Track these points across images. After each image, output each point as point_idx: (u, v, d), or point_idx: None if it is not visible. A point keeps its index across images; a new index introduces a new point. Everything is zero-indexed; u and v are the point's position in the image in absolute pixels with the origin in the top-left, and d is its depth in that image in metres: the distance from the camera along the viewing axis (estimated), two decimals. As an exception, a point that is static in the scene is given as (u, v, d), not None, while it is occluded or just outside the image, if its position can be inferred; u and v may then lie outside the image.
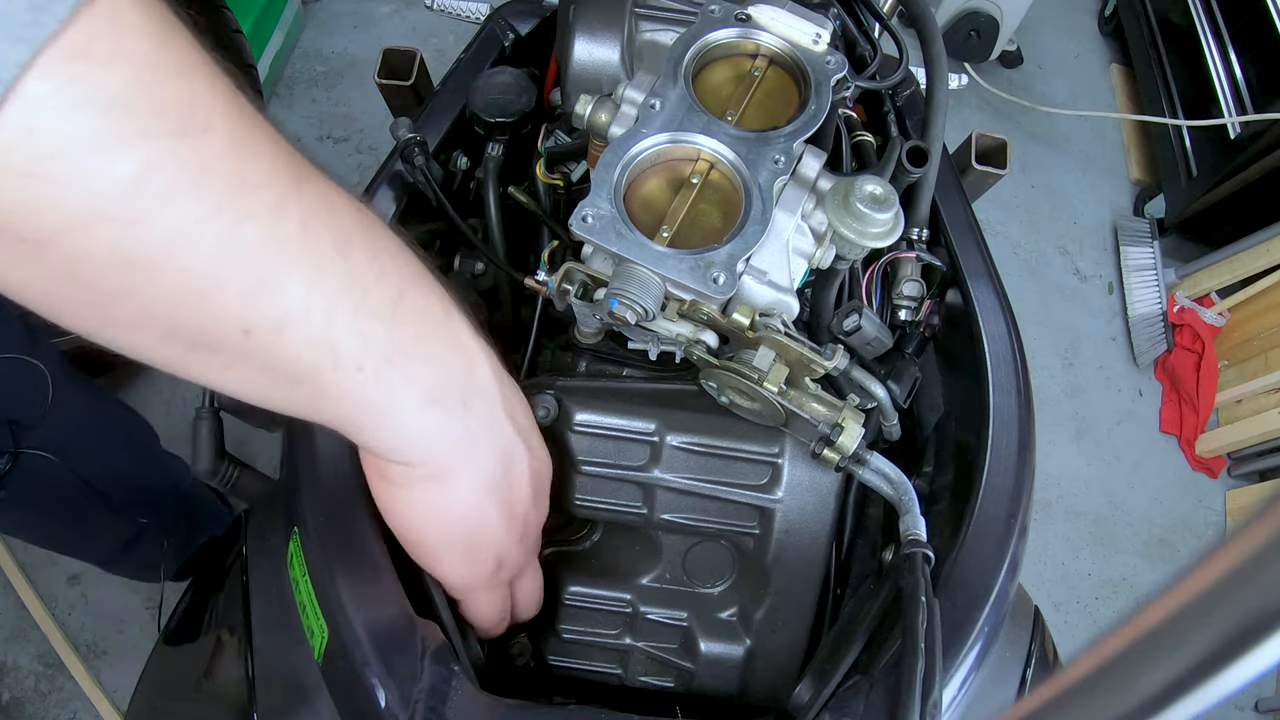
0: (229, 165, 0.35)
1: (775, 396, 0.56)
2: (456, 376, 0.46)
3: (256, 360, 0.39)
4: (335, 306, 0.39)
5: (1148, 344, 2.31)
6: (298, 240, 0.38)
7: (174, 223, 0.34)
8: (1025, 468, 0.65)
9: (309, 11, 2.47)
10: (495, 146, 0.81)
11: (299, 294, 0.38)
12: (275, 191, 0.37)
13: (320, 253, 0.39)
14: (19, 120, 0.30)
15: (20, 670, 1.62)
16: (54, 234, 0.33)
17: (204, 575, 0.76)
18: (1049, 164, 2.62)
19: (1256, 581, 0.17)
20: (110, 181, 0.32)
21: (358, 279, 0.40)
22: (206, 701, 0.65)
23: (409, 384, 0.43)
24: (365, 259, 0.41)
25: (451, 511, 0.49)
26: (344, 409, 0.42)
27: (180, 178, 0.34)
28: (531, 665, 0.69)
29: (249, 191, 0.36)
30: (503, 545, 0.53)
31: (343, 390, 0.41)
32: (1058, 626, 1.99)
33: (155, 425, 1.86)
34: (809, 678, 0.61)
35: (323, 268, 0.39)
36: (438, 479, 0.47)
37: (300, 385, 0.40)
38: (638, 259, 0.56)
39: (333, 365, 0.40)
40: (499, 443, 0.50)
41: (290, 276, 0.38)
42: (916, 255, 0.76)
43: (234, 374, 0.40)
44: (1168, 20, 2.46)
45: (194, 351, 0.38)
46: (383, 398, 0.43)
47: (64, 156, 0.31)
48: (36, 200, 0.32)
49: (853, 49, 0.88)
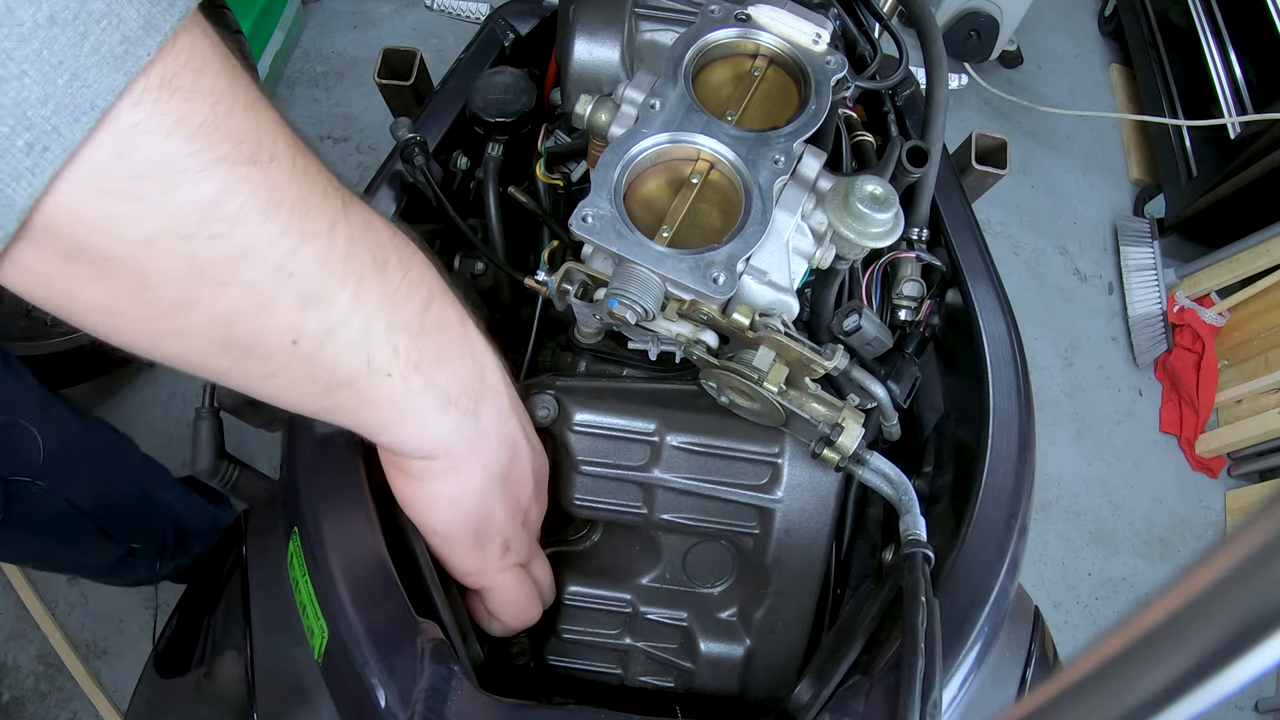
0: (292, 190, 0.39)
1: (775, 396, 0.57)
2: (471, 380, 0.50)
3: (299, 368, 0.43)
4: (373, 319, 0.43)
5: (1148, 344, 2.31)
6: (344, 258, 0.42)
7: (246, 241, 0.37)
8: (1025, 468, 0.65)
9: (309, 11, 2.47)
10: (495, 146, 0.81)
11: (344, 308, 0.42)
12: (328, 214, 0.41)
13: (362, 270, 0.43)
14: (112, 144, 0.33)
15: (20, 670, 1.62)
16: (134, 250, 0.35)
17: (195, 594, 0.75)
18: (1049, 164, 2.62)
19: (1256, 581, 0.17)
20: (192, 202, 0.35)
21: (391, 294, 0.44)
22: (206, 701, 0.65)
23: (431, 389, 0.47)
24: (399, 276, 0.45)
25: (464, 499, 0.53)
26: (372, 412, 0.47)
27: (253, 200, 0.37)
28: (531, 665, 0.69)
29: (308, 214, 0.40)
30: (508, 530, 0.57)
31: (373, 395, 0.45)
32: (1058, 626, 1.99)
33: (155, 425, 1.87)
34: (809, 678, 0.61)
35: (364, 284, 0.43)
36: (455, 471, 0.51)
37: (335, 391, 0.44)
38: (638, 259, 0.56)
39: (367, 372, 0.44)
40: (506, 438, 0.54)
41: (339, 292, 0.42)
42: (916, 255, 0.76)
43: (276, 381, 0.43)
44: (1168, 20, 2.46)
45: (243, 361, 0.41)
46: (407, 401, 0.47)
47: (151, 178, 0.34)
48: (122, 219, 0.35)
49: (853, 49, 0.88)
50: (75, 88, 0.32)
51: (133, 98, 0.33)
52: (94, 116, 0.32)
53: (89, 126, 0.32)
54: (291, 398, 0.45)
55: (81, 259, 0.35)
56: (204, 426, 0.66)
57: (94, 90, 0.32)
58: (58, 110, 0.31)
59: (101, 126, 0.33)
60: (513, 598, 0.59)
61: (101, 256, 0.35)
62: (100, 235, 0.35)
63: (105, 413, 1.87)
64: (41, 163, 0.32)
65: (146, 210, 0.35)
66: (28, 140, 0.31)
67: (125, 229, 0.35)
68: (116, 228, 0.35)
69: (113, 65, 0.32)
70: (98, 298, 0.37)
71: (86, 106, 0.32)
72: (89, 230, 0.34)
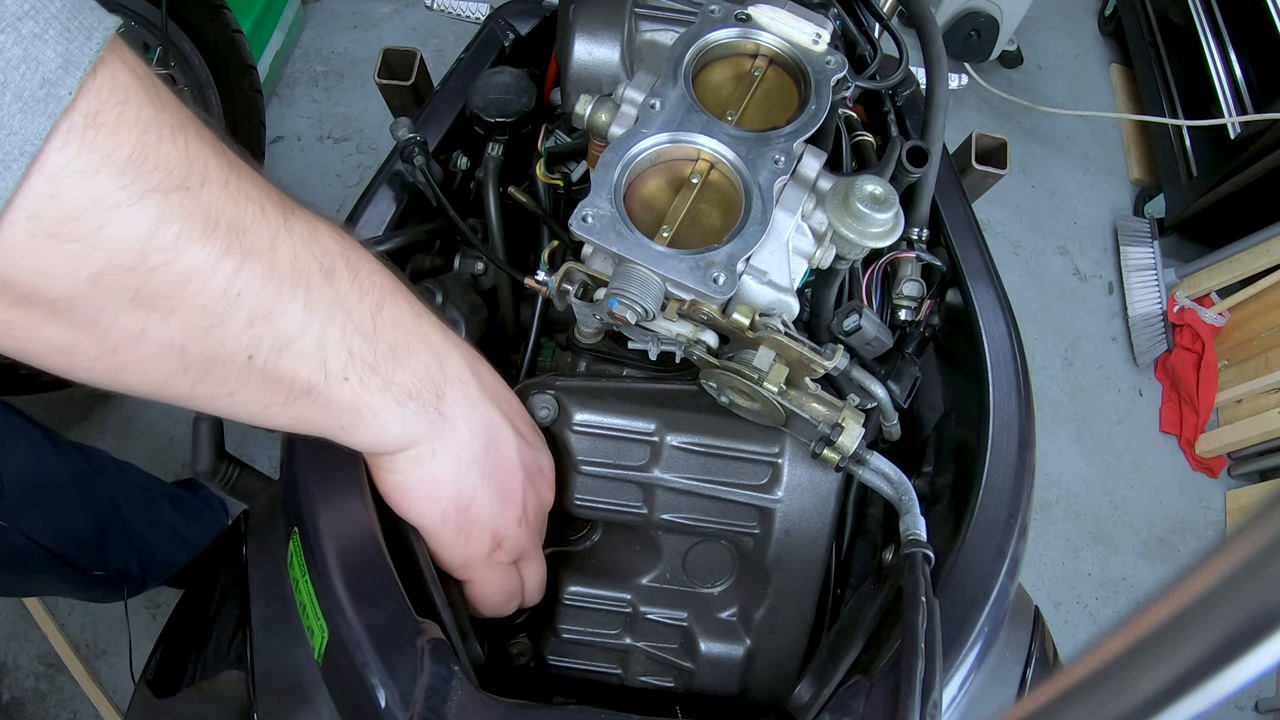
0: (228, 211, 0.39)
1: (775, 396, 0.57)
2: (430, 373, 0.51)
3: (257, 382, 0.43)
4: (326, 326, 0.44)
5: (1148, 344, 2.31)
6: (290, 271, 0.42)
7: (187, 267, 0.38)
8: (1025, 468, 0.65)
9: (309, 11, 2.47)
10: (495, 146, 0.81)
11: (296, 319, 0.43)
12: (268, 229, 0.41)
13: (310, 279, 0.43)
14: (43, 188, 0.33)
15: (20, 670, 1.62)
16: (80, 289, 0.36)
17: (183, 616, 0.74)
18: (1049, 164, 2.62)
19: (1256, 581, 0.17)
20: (129, 236, 0.36)
21: (341, 299, 0.45)
22: (206, 701, 0.65)
23: (388, 387, 0.48)
24: (348, 281, 0.46)
25: (438, 487, 0.53)
26: (332, 416, 0.47)
27: (188, 226, 0.37)
28: (531, 665, 0.69)
29: (246, 233, 0.40)
30: (498, 523, 0.56)
31: (332, 399, 0.46)
32: (1058, 626, 1.99)
33: (155, 425, 1.87)
34: (809, 678, 0.61)
35: (313, 292, 0.43)
36: (420, 460, 0.52)
37: (296, 400, 0.45)
38: (638, 259, 0.56)
39: (325, 379, 0.45)
40: (478, 422, 0.54)
41: (289, 303, 0.42)
42: (916, 255, 0.76)
43: (237, 399, 0.44)
44: (1168, 20, 2.46)
45: (203, 383, 0.42)
46: (367, 403, 0.48)
47: (86, 217, 0.34)
48: (63, 259, 0.35)
49: (853, 49, 0.88)
50: (2, 137, 0.32)
51: (59, 139, 0.33)
52: (24, 163, 0.32)
53: (20, 174, 0.32)
54: (255, 412, 0.45)
55: (32, 304, 0.35)
56: (204, 427, 0.66)
57: (20, 137, 0.32)
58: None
59: (32, 172, 0.33)
60: (489, 593, 0.59)
61: (49, 299, 0.35)
62: (45, 279, 0.35)
63: (105, 412, 1.87)
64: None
65: (86, 249, 0.35)
66: None
67: (68, 270, 0.35)
68: (60, 269, 0.35)
69: (35, 109, 0.32)
70: (53, 339, 0.37)
71: (15, 154, 0.32)
72: (32, 274, 0.34)
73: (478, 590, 0.59)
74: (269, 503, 0.69)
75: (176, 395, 0.42)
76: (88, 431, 1.83)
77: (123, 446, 1.82)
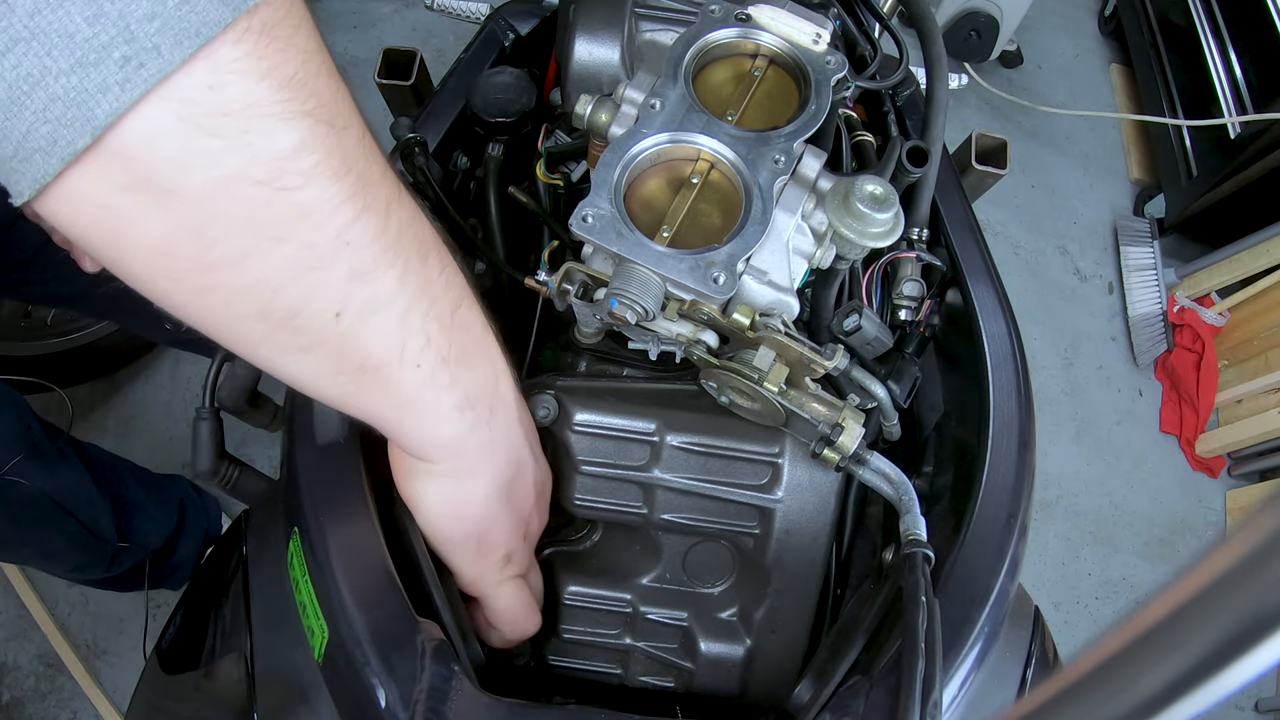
0: (360, 162, 0.39)
1: (775, 396, 0.57)
2: (488, 386, 0.50)
3: (333, 345, 0.41)
4: (412, 305, 0.43)
5: (1148, 344, 2.31)
6: (396, 239, 0.41)
7: (313, 199, 0.37)
8: (1025, 468, 0.65)
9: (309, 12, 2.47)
10: (495, 146, 0.81)
11: (390, 287, 0.42)
12: (387, 193, 0.41)
13: (408, 255, 0.42)
14: (205, 77, 0.32)
15: (20, 670, 1.62)
16: (204, 189, 0.34)
17: (199, 590, 0.75)
18: (1049, 164, 2.62)
19: (1256, 581, 0.17)
20: (271, 150, 0.35)
21: (429, 285, 0.44)
22: (206, 701, 0.65)
23: (453, 386, 0.47)
24: (437, 270, 0.45)
25: (468, 508, 0.53)
26: (391, 402, 0.46)
27: (327, 161, 0.37)
28: (531, 665, 0.69)
29: (370, 188, 0.39)
30: (511, 543, 0.57)
31: (399, 384, 0.45)
32: (1058, 626, 1.99)
33: (155, 425, 1.88)
34: (809, 678, 0.61)
35: (409, 268, 0.42)
36: (456, 477, 0.51)
37: (363, 375, 0.43)
38: (638, 259, 0.56)
39: (399, 360, 0.44)
40: (513, 450, 0.54)
41: (388, 270, 0.41)
42: (916, 255, 0.76)
43: (307, 357, 0.42)
44: (1168, 20, 2.46)
45: (278, 332, 0.40)
46: (429, 396, 0.46)
47: (238, 117, 0.33)
48: (200, 153, 0.33)
49: (853, 49, 0.88)
50: (184, 11, 0.31)
51: (235, 34, 0.32)
52: (197, 44, 0.31)
53: (190, 51, 0.31)
54: (317, 379, 0.44)
55: (145, 192, 0.33)
56: (204, 427, 0.66)
57: (201, 18, 0.31)
58: (162, 30, 0.30)
59: (200, 55, 0.32)
60: (511, 607, 0.59)
61: (168, 191, 0.34)
62: (173, 168, 0.33)
63: (105, 412, 1.87)
64: (134, 79, 0.31)
65: (226, 149, 0.34)
66: (124, 54, 0.30)
67: (201, 165, 0.34)
68: (192, 162, 0.33)
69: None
70: (152, 237, 0.35)
71: (191, 32, 0.31)
72: (163, 161, 0.33)
73: (498, 608, 0.58)
74: (269, 503, 0.69)
75: (247, 338, 0.40)
76: (88, 431, 1.84)
77: (123, 446, 1.82)
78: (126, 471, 1.44)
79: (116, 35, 0.30)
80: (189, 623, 0.73)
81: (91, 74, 0.30)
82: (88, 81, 0.30)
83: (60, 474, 1.22)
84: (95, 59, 0.30)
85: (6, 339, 1.62)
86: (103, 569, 1.35)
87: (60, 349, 1.66)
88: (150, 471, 1.51)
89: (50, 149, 0.31)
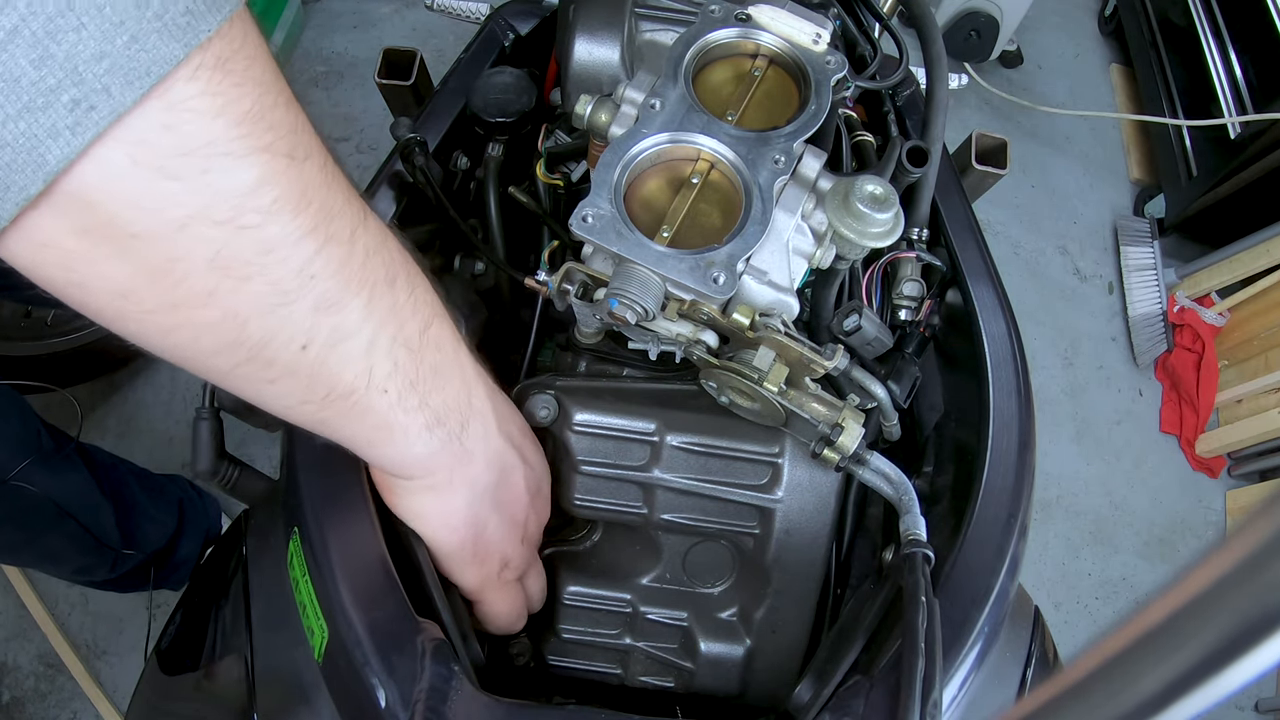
0: (321, 192, 0.38)
1: (775, 396, 0.56)
2: (460, 402, 0.50)
3: (303, 374, 0.41)
4: (379, 332, 0.43)
5: (1148, 344, 2.31)
6: (361, 267, 0.41)
7: (274, 236, 0.36)
8: (1025, 468, 0.65)
9: (309, 11, 2.47)
10: (495, 146, 0.81)
11: (356, 315, 0.42)
12: (350, 221, 0.41)
13: (375, 281, 0.42)
14: (159, 116, 0.31)
15: (20, 670, 1.62)
16: (164, 231, 0.34)
17: (199, 590, 0.75)
18: (1049, 164, 2.62)
19: (1256, 581, 0.17)
20: (230, 188, 0.34)
21: (397, 310, 0.44)
22: (206, 702, 0.65)
23: (423, 408, 0.47)
24: (405, 293, 0.45)
25: (454, 517, 0.53)
26: (362, 426, 0.46)
27: (287, 195, 0.36)
28: (531, 665, 0.69)
29: (333, 218, 0.39)
30: (506, 547, 0.57)
31: (368, 409, 0.45)
32: (1058, 626, 1.99)
33: (155, 425, 1.87)
34: (809, 678, 0.61)
35: (375, 295, 0.42)
36: (436, 491, 0.52)
37: (333, 402, 0.43)
38: (638, 259, 0.56)
39: (366, 386, 0.44)
40: (493, 457, 0.54)
41: (353, 299, 0.41)
42: (916, 255, 0.76)
43: (277, 387, 0.42)
44: (1168, 20, 2.45)
45: (248, 364, 0.40)
46: (399, 420, 0.46)
47: (194, 157, 0.33)
48: (157, 195, 0.33)
49: (853, 49, 0.88)
50: (133, 50, 0.30)
51: (188, 70, 0.32)
52: (148, 83, 0.30)
53: (142, 91, 0.30)
54: (287, 405, 0.44)
55: (104, 236, 0.33)
56: (204, 427, 0.66)
57: (152, 55, 0.30)
58: (112, 70, 0.30)
59: (153, 95, 0.31)
60: (500, 612, 0.60)
61: (128, 235, 0.33)
62: (131, 211, 0.32)
63: (105, 412, 1.87)
64: (85, 122, 0.30)
65: (184, 190, 0.33)
66: (74, 96, 0.29)
67: (160, 207, 0.33)
68: (151, 204, 0.33)
69: (174, 34, 0.31)
70: (116, 279, 0.35)
71: (142, 72, 0.30)
72: (121, 204, 0.32)
73: (489, 610, 0.60)
74: (269, 503, 0.69)
75: (215, 370, 0.40)
76: (88, 431, 1.83)
77: (123, 446, 1.82)
78: (128, 474, 1.44)
79: (64, 78, 0.29)
80: (189, 623, 0.73)
81: (40, 119, 0.29)
82: (36, 127, 0.29)
83: (66, 478, 1.22)
84: (43, 103, 0.29)
85: (7, 339, 1.61)
86: (105, 571, 1.35)
87: (60, 349, 1.66)
88: (150, 472, 1.51)
89: (3, 195, 0.30)
